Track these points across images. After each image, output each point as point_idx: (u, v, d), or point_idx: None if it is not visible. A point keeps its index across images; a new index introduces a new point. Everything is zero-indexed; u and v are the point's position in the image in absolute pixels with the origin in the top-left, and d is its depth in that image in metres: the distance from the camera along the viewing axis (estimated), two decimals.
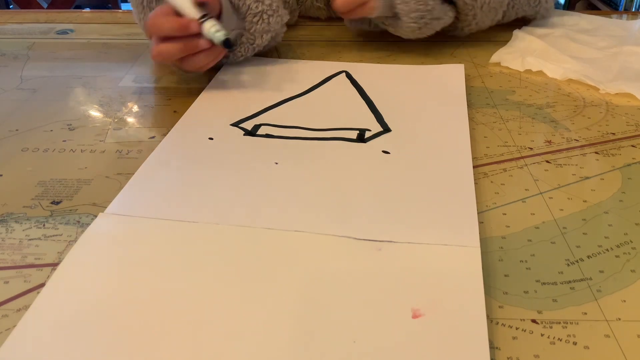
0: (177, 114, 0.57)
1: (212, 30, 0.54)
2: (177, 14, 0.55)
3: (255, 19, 0.62)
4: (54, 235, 0.41)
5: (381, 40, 0.73)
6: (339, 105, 0.58)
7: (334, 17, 0.82)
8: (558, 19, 0.78)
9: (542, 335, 0.32)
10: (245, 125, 0.54)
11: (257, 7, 0.62)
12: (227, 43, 0.55)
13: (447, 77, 0.64)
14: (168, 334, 0.32)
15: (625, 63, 0.65)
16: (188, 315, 0.33)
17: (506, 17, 0.75)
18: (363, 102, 0.58)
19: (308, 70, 0.65)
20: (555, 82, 0.64)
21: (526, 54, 0.68)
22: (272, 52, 0.72)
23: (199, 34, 0.54)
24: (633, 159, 0.50)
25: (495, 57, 0.69)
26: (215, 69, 0.66)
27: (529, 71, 0.66)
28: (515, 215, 0.42)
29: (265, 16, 0.62)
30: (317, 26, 0.80)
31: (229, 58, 0.64)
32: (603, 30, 0.75)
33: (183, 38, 0.54)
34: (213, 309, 0.34)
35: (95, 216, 0.41)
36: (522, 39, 0.72)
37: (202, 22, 0.54)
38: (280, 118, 0.55)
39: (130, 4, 0.66)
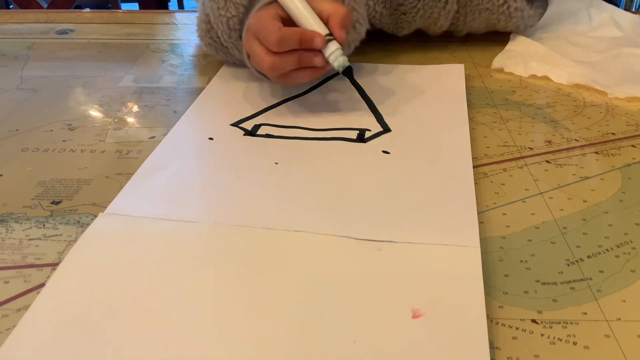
0: (177, 114, 0.57)
1: (337, 53, 0.50)
2: (285, 21, 0.51)
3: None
4: (54, 235, 0.41)
5: (381, 40, 0.73)
6: (339, 106, 0.58)
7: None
8: (555, 12, 0.77)
9: (542, 335, 0.32)
10: (245, 125, 0.54)
11: (353, 16, 0.58)
12: (349, 71, 0.52)
13: (447, 77, 0.64)
14: (168, 334, 0.32)
15: (627, 65, 0.65)
16: (188, 315, 0.33)
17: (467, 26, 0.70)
18: (363, 102, 0.58)
19: None
20: (555, 82, 0.64)
21: (528, 58, 0.67)
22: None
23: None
24: (633, 159, 0.50)
25: (497, 63, 0.68)
26: (216, 67, 0.66)
27: (532, 75, 0.66)
28: (515, 215, 0.42)
29: (357, 25, 0.59)
30: None
31: None
32: (599, 32, 0.75)
33: (298, 51, 0.50)
34: (213, 309, 0.34)
35: (95, 216, 0.41)
36: (521, 42, 0.72)
37: (328, 40, 0.50)
38: (280, 118, 0.55)
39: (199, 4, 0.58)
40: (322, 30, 0.51)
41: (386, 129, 0.53)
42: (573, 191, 0.45)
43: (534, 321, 0.33)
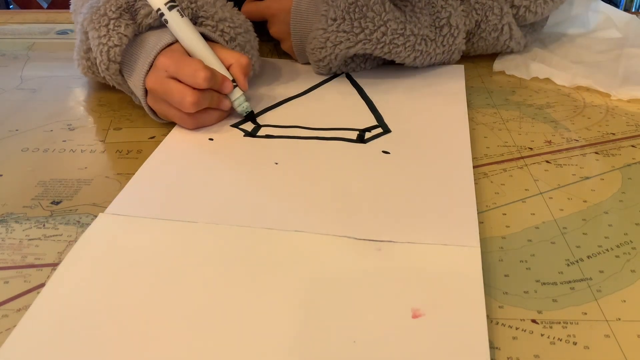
0: None
1: (241, 99, 0.53)
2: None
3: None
4: (54, 235, 0.41)
5: None
6: (339, 106, 0.58)
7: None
8: (554, 13, 0.77)
9: (542, 335, 0.32)
10: (245, 125, 0.54)
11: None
12: (252, 116, 0.55)
13: (447, 77, 0.64)
14: (168, 334, 0.32)
15: (629, 67, 0.65)
16: (188, 315, 0.33)
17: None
18: (363, 102, 0.58)
19: (308, 70, 0.65)
20: (555, 83, 0.64)
21: (529, 60, 0.67)
22: (272, 52, 0.72)
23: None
24: (633, 159, 0.50)
25: (498, 66, 0.68)
26: None
27: (534, 78, 0.66)
28: (515, 215, 0.42)
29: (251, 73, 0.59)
30: None
31: None
32: (598, 33, 0.75)
33: (211, 91, 0.51)
34: (213, 309, 0.34)
35: (95, 216, 0.41)
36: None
37: (234, 86, 0.53)
38: (280, 118, 0.55)
39: (86, 24, 0.54)
40: (228, 76, 0.53)
41: (386, 130, 0.53)
42: (573, 191, 0.45)
43: (534, 321, 0.33)
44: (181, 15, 0.52)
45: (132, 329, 0.32)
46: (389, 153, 0.49)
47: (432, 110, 0.57)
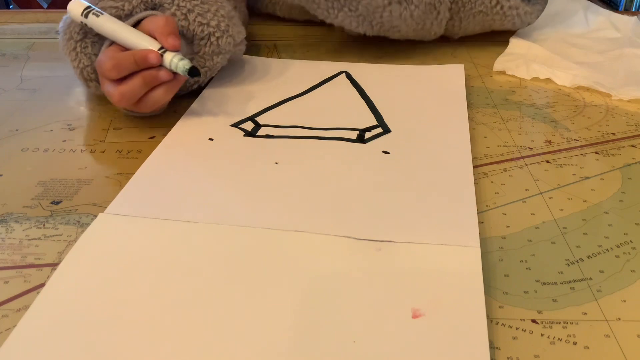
0: (177, 114, 0.57)
1: (175, 60, 0.50)
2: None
3: (202, 42, 0.57)
4: (54, 235, 0.41)
5: (381, 40, 0.73)
6: (339, 106, 0.58)
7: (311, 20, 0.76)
8: (555, 13, 0.78)
9: (542, 335, 0.32)
10: (245, 125, 0.54)
11: (202, 30, 0.56)
12: (194, 71, 0.50)
13: (447, 77, 0.64)
14: (168, 334, 0.32)
15: (630, 67, 0.65)
16: (188, 315, 0.33)
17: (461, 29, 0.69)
18: (363, 102, 0.58)
19: (308, 70, 0.65)
20: (556, 83, 0.64)
21: (529, 60, 0.67)
22: (272, 53, 0.72)
23: (157, 67, 0.50)
24: (633, 159, 0.50)
25: (499, 66, 0.68)
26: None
27: (535, 78, 0.66)
28: (515, 215, 0.42)
29: (212, 38, 0.57)
30: (316, 27, 0.80)
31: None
32: (598, 33, 0.75)
33: (141, 72, 0.49)
34: (213, 309, 0.34)
35: (95, 216, 0.41)
36: (521, 44, 0.71)
37: (162, 53, 0.50)
38: (280, 118, 0.55)
39: (61, 50, 0.56)
40: (154, 45, 0.50)
41: (386, 130, 0.53)
42: (573, 191, 0.45)
43: (534, 321, 0.33)
44: (96, 16, 0.52)
45: (132, 329, 0.32)
46: (389, 153, 0.49)
47: (432, 110, 0.57)
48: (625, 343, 0.32)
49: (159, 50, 0.50)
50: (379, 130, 0.53)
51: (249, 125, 0.54)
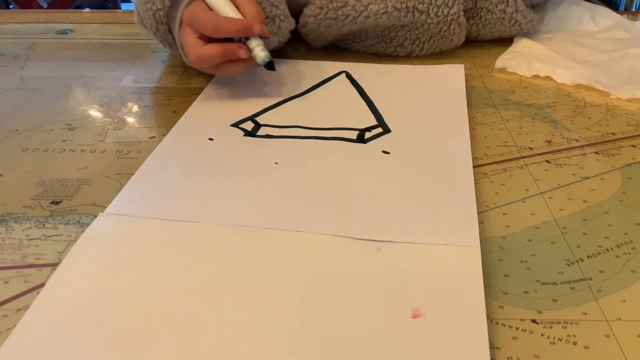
0: (177, 114, 0.57)
1: (258, 48, 0.54)
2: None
3: (266, 20, 0.61)
4: (54, 235, 0.41)
5: None
6: (339, 105, 0.58)
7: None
8: (561, 17, 0.78)
9: (542, 335, 0.32)
10: (245, 125, 0.54)
11: (270, 10, 0.61)
12: (271, 65, 0.55)
13: (447, 77, 0.64)
14: (168, 334, 0.32)
15: (632, 66, 0.65)
16: (188, 315, 0.33)
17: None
18: (363, 102, 0.58)
19: (308, 70, 0.65)
20: (556, 82, 0.64)
21: (531, 59, 0.67)
22: (271, 53, 0.72)
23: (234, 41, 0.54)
24: (633, 159, 0.50)
25: (500, 63, 0.68)
26: None
27: (535, 75, 0.66)
28: (515, 215, 0.42)
29: (277, 20, 0.62)
30: None
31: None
32: (606, 33, 0.75)
33: (224, 43, 0.53)
34: (213, 309, 0.34)
35: (95, 216, 0.41)
36: (524, 44, 0.72)
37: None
38: (280, 118, 0.55)
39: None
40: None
41: (386, 130, 0.53)
42: (573, 191, 0.45)
43: (534, 321, 0.33)
44: None
45: (131, 329, 0.32)
46: (389, 153, 0.49)
47: (432, 110, 0.57)
48: (625, 343, 0.32)
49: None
50: (379, 130, 0.53)
51: (249, 125, 0.54)
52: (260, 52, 0.54)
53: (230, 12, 0.54)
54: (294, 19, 0.65)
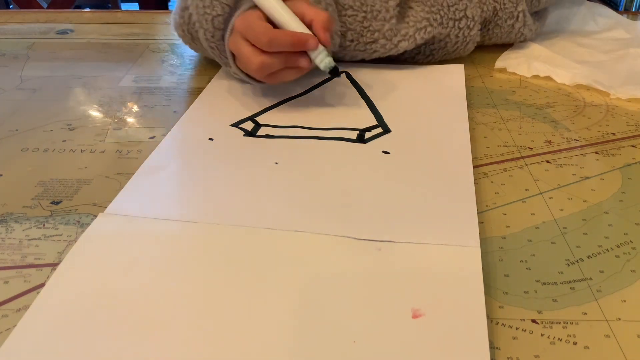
0: (177, 114, 0.57)
1: (322, 55, 0.52)
2: (270, 21, 0.53)
3: (352, 12, 0.61)
4: (54, 235, 0.41)
5: None
6: (339, 106, 0.58)
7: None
8: (561, 17, 0.78)
9: (542, 335, 0.32)
10: (245, 125, 0.54)
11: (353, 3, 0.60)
12: (335, 71, 0.53)
13: (447, 77, 0.64)
14: (168, 334, 0.32)
15: (632, 66, 0.65)
16: (188, 315, 0.33)
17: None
18: (363, 102, 0.58)
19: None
20: (556, 82, 0.64)
21: (531, 59, 0.67)
22: None
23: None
24: (633, 159, 0.50)
25: (500, 63, 0.68)
26: (216, 67, 0.66)
27: (535, 75, 0.66)
28: (515, 215, 0.42)
29: (335, 37, 0.61)
30: None
31: None
32: (606, 33, 0.75)
33: (286, 52, 0.52)
34: (213, 309, 0.34)
35: (95, 216, 0.41)
36: (524, 44, 0.72)
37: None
38: (280, 118, 0.55)
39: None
40: (305, 31, 0.52)
41: (386, 130, 0.53)
42: (573, 191, 0.45)
43: (534, 321, 0.33)
44: None
45: (131, 329, 0.32)
46: (389, 153, 0.49)
47: (432, 110, 0.57)
48: (625, 343, 0.32)
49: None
50: (379, 130, 0.53)
51: (249, 125, 0.54)
52: (324, 58, 0.52)
53: (291, 21, 0.52)
54: None
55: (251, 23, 0.52)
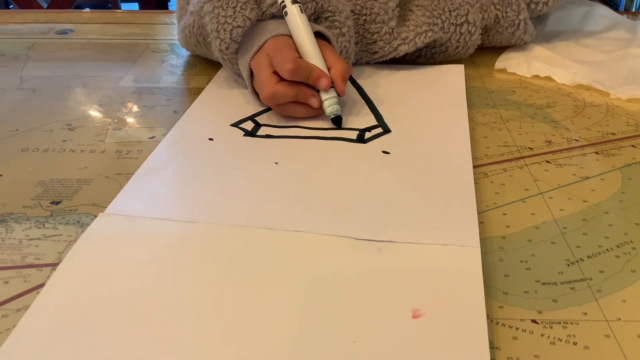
0: (177, 114, 0.57)
1: (333, 100, 0.53)
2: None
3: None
4: (54, 235, 0.41)
5: None
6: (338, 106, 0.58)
7: None
8: (562, 17, 0.78)
9: (542, 335, 0.32)
10: (245, 125, 0.54)
11: (343, 52, 0.60)
12: (338, 120, 0.53)
13: (447, 77, 0.64)
14: (168, 334, 0.32)
15: (632, 66, 0.65)
16: (188, 315, 0.33)
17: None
18: (363, 102, 0.58)
19: None
20: (556, 82, 0.64)
21: (531, 59, 0.67)
22: None
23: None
24: (633, 159, 0.50)
25: (500, 64, 0.68)
26: (216, 67, 0.66)
27: (535, 75, 0.66)
28: (515, 215, 0.42)
29: (349, 55, 0.61)
30: None
31: None
32: (606, 33, 0.75)
33: (300, 85, 0.52)
34: (213, 309, 0.34)
35: (95, 216, 0.41)
36: (525, 45, 0.72)
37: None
38: (280, 118, 0.55)
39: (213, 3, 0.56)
40: (325, 69, 0.53)
41: (386, 130, 0.53)
42: (573, 191, 0.45)
43: (534, 321, 0.33)
44: (301, 11, 0.54)
45: (131, 329, 0.32)
46: (389, 153, 0.49)
47: (432, 110, 0.57)
48: (625, 343, 0.32)
49: None
50: (379, 130, 0.53)
51: (248, 125, 0.54)
52: (332, 104, 0.53)
53: (316, 59, 0.53)
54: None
55: (282, 47, 0.53)
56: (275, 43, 0.54)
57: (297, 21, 0.54)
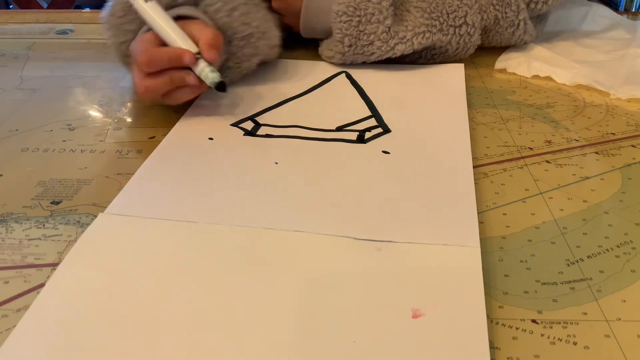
0: (177, 114, 0.57)
1: (207, 69, 0.51)
2: (164, 45, 0.52)
3: (242, 43, 0.58)
4: (54, 235, 0.41)
5: None
6: (339, 106, 0.58)
7: None
8: (561, 17, 0.78)
9: (542, 335, 0.32)
10: (245, 125, 0.54)
11: (243, 30, 0.58)
12: (221, 86, 0.51)
13: (447, 77, 0.64)
14: (168, 334, 0.32)
15: (632, 66, 0.65)
16: (188, 315, 0.33)
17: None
18: (363, 102, 0.58)
19: (308, 70, 0.65)
20: (556, 82, 0.64)
21: (531, 59, 0.67)
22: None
23: (185, 68, 0.51)
24: (633, 159, 0.50)
25: (500, 64, 0.68)
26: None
27: (535, 75, 0.66)
28: (515, 215, 0.42)
29: (252, 39, 0.59)
30: None
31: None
32: (606, 33, 0.75)
33: (169, 71, 0.51)
34: (213, 309, 0.34)
35: (95, 216, 0.41)
36: (525, 45, 0.72)
37: (197, 58, 0.51)
38: (280, 118, 0.55)
39: (103, 25, 0.58)
40: (192, 48, 0.51)
41: (386, 130, 0.53)
42: (573, 191, 0.45)
43: (534, 321, 0.33)
44: (145, 0, 0.53)
45: (132, 329, 0.32)
46: (389, 153, 0.49)
47: (432, 110, 0.57)
48: (625, 343, 0.32)
49: (195, 54, 0.51)
50: (379, 130, 0.53)
51: (248, 125, 0.54)
52: (208, 73, 0.51)
53: (177, 39, 0.51)
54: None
55: (137, 44, 0.52)
56: (135, 43, 0.53)
57: (145, 11, 0.53)
